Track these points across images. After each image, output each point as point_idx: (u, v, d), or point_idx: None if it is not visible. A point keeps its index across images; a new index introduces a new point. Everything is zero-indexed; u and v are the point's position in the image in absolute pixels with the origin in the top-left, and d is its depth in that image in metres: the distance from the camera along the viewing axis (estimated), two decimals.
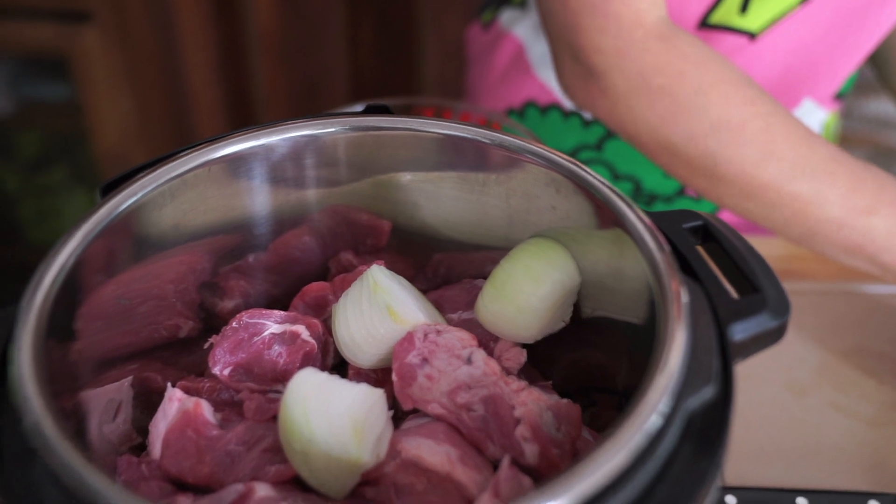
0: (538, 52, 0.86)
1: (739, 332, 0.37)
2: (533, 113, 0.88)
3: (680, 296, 0.36)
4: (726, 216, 0.86)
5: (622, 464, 0.30)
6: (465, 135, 0.45)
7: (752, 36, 0.77)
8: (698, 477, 0.32)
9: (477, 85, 0.94)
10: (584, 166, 0.42)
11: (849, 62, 0.81)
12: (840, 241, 0.62)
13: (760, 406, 0.65)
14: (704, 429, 0.33)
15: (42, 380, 0.33)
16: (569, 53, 0.66)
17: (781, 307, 0.38)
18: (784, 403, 0.65)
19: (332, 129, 0.45)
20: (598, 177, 0.41)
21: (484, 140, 0.44)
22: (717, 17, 0.76)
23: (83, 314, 0.40)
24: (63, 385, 0.37)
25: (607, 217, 0.41)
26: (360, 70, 1.67)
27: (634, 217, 0.40)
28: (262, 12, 1.54)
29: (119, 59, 1.42)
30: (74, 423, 0.38)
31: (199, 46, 1.53)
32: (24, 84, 1.52)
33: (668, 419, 0.32)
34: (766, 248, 0.81)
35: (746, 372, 0.67)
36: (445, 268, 0.53)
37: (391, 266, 0.49)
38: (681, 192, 0.87)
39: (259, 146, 0.45)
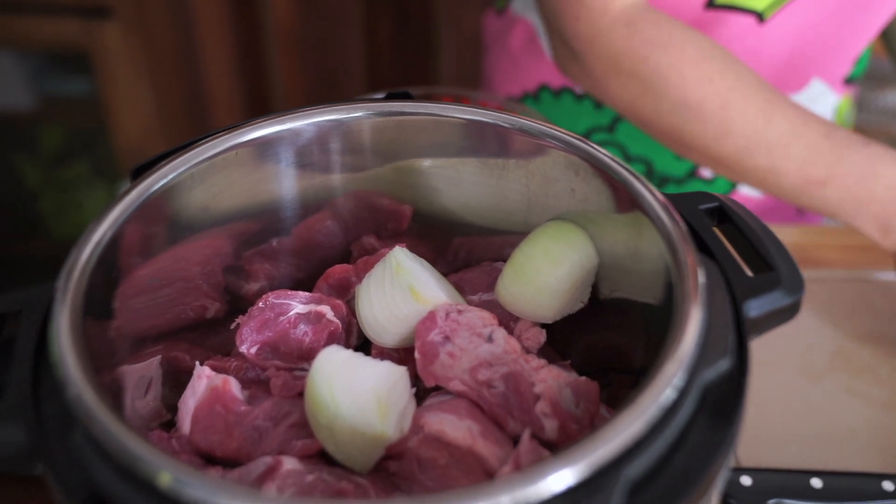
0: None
1: (754, 308, 0.38)
2: (547, 96, 0.89)
3: (696, 274, 0.37)
4: (743, 199, 0.86)
5: (637, 433, 0.31)
6: (486, 119, 0.46)
7: (760, 17, 0.78)
8: (714, 446, 0.33)
9: (493, 71, 0.95)
10: (601, 149, 0.43)
11: (857, 43, 0.82)
12: (802, 203, 0.68)
13: (776, 391, 0.65)
14: (720, 400, 0.34)
15: (81, 354, 0.34)
16: (557, 36, 0.72)
17: (795, 285, 0.39)
18: (799, 388, 0.65)
19: (358, 114, 0.47)
20: (616, 159, 0.42)
21: (504, 125, 0.45)
22: None
23: (117, 293, 0.42)
24: (100, 361, 0.38)
25: (625, 199, 0.42)
26: (377, 65, 1.68)
27: (652, 198, 0.41)
28: (279, 8, 1.55)
29: (139, 54, 1.44)
30: (111, 396, 0.40)
31: (218, 42, 1.55)
32: (45, 79, 1.54)
33: (683, 392, 0.33)
34: (782, 235, 0.82)
35: (763, 358, 0.68)
36: (466, 251, 0.54)
37: (412, 249, 0.50)
38: (692, 174, 0.88)
39: (286, 130, 0.46)
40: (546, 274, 0.45)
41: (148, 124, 1.51)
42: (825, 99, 0.86)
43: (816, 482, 0.56)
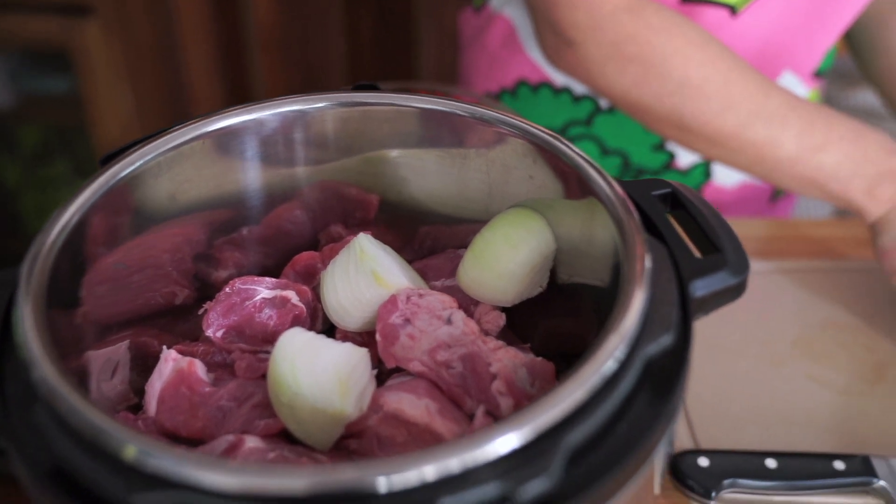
0: (529, 30, 0.88)
1: (700, 288, 0.39)
2: (525, 92, 0.90)
3: (643, 255, 0.38)
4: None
5: (578, 402, 0.32)
6: (444, 108, 0.47)
7: (732, 10, 0.80)
8: (655, 416, 0.34)
9: (470, 68, 0.96)
10: (559, 136, 0.45)
11: (826, 36, 0.85)
12: (796, 175, 0.71)
13: (738, 377, 0.67)
14: (662, 374, 0.36)
15: (45, 336, 0.35)
16: (548, 27, 0.73)
17: (741, 266, 0.40)
18: (761, 374, 0.67)
19: (320, 105, 0.48)
20: (572, 146, 0.44)
21: (461, 113, 0.47)
22: None
23: (83, 279, 0.43)
24: (66, 344, 0.39)
25: (579, 185, 0.44)
26: (358, 63, 1.69)
27: (605, 184, 0.42)
28: (260, 7, 1.56)
29: (120, 52, 1.44)
30: (76, 378, 0.41)
31: (199, 41, 1.56)
32: (25, 77, 1.54)
33: (625, 364, 0.34)
34: (748, 228, 0.84)
35: (727, 346, 0.69)
36: (431, 239, 0.55)
37: (380, 238, 0.52)
38: (668, 166, 0.90)
39: (250, 120, 0.47)
40: (505, 259, 0.47)
41: (128, 123, 1.52)
42: (795, 91, 0.88)
43: (771, 462, 0.58)
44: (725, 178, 0.92)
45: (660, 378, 0.36)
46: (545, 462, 0.31)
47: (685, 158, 0.90)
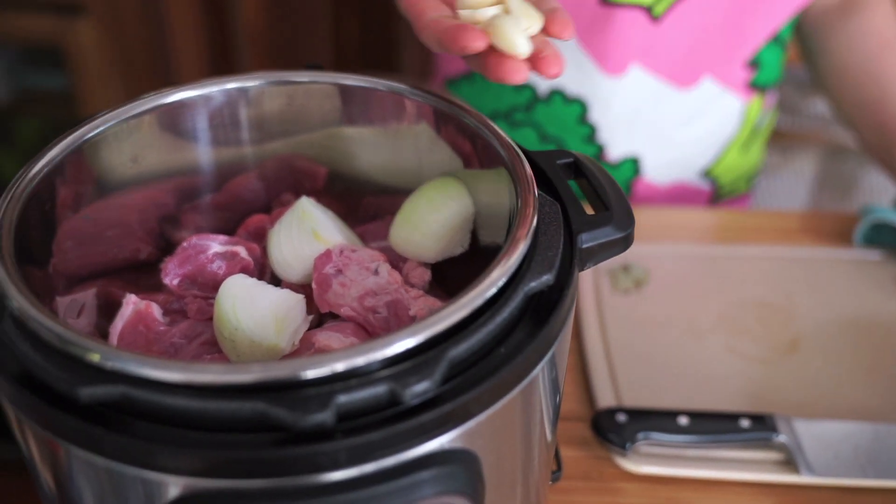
0: None
1: (587, 240, 0.45)
2: (478, 77, 0.97)
3: (532, 207, 0.44)
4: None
5: (461, 318, 0.38)
6: (367, 85, 0.53)
7: (650, 12, 0.87)
8: (530, 343, 0.40)
9: (438, 55, 1.03)
10: (463, 104, 0.51)
11: (744, 47, 0.92)
12: None
13: (664, 348, 0.73)
14: (542, 308, 0.41)
15: (15, 271, 0.41)
16: None
17: (625, 222, 0.46)
18: (684, 345, 0.73)
19: (258, 83, 0.54)
20: (473, 113, 0.50)
21: (382, 88, 0.53)
22: None
23: (53, 233, 0.48)
24: (38, 293, 0.45)
25: (487, 151, 0.50)
26: (344, 65, 1.76)
27: (504, 150, 0.48)
28: (249, 10, 1.63)
29: (112, 51, 1.51)
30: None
31: (190, 41, 1.63)
32: (22, 73, 1.61)
33: (506, 293, 0.40)
34: (690, 219, 0.90)
35: (654, 318, 0.75)
36: (374, 208, 0.61)
37: (328, 207, 0.58)
38: (598, 158, 0.97)
39: (199, 95, 0.53)
40: (429, 220, 0.53)
41: None
42: (722, 101, 0.95)
43: (683, 420, 0.64)
44: (657, 175, 0.98)
45: (539, 311, 0.41)
46: (430, 369, 0.36)
47: (615, 151, 0.96)
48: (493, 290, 0.39)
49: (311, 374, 0.35)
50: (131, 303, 0.52)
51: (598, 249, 0.46)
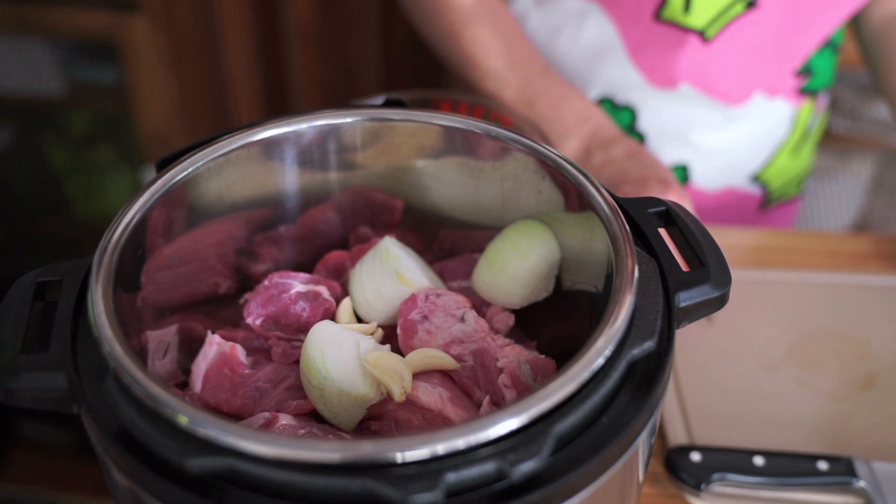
0: (556, 33, 0.93)
1: (684, 299, 0.44)
2: None
3: (632, 266, 0.43)
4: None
5: (568, 393, 0.37)
6: (463, 126, 0.52)
7: (703, 36, 0.86)
8: (635, 411, 0.39)
9: None
10: (564, 156, 0.50)
11: (796, 59, 0.91)
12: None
13: (733, 380, 0.72)
14: (644, 375, 0.41)
15: (113, 317, 0.41)
16: None
17: (723, 280, 0.45)
18: (754, 378, 0.72)
19: (350, 120, 0.53)
20: (574, 164, 0.49)
21: (478, 131, 0.52)
22: (667, 13, 0.86)
23: (143, 268, 0.48)
24: (128, 326, 0.45)
25: (580, 200, 0.49)
26: (392, 61, 1.74)
27: (602, 200, 0.47)
28: (299, 5, 1.62)
29: (165, 46, 1.51)
30: (138, 355, 0.46)
31: (239, 37, 1.62)
32: (75, 67, 1.62)
33: (611, 363, 0.39)
34: (750, 238, 0.88)
35: (724, 349, 0.74)
36: (450, 243, 0.61)
37: (403, 240, 0.57)
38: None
39: (290, 132, 0.53)
40: (515, 266, 0.52)
41: (170, 113, 1.59)
42: (772, 107, 0.94)
43: (759, 460, 0.63)
44: (706, 181, 0.97)
45: (641, 378, 0.41)
46: (537, 446, 0.36)
47: (663, 158, 0.95)
48: (600, 361, 0.39)
49: (420, 454, 0.35)
50: (215, 343, 0.52)
51: (695, 309, 0.45)
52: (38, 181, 1.77)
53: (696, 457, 0.63)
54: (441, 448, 0.35)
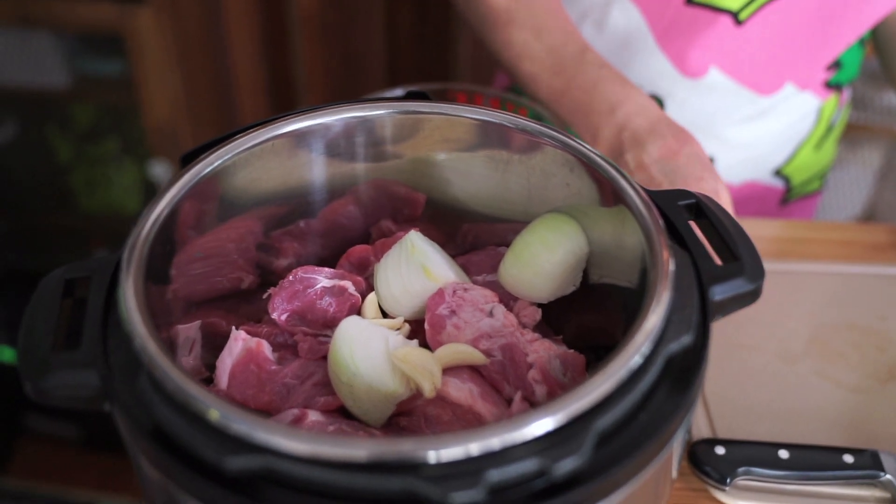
0: None
1: (719, 293, 0.44)
2: None
3: (668, 261, 0.43)
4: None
5: (607, 392, 0.37)
6: (493, 119, 0.52)
7: (736, 17, 0.84)
8: (673, 407, 0.39)
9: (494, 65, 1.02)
10: (592, 148, 0.49)
11: (830, 51, 0.89)
12: (558, 115, 0.79)
13: (754, 372, 0.71)
14: (681, 370, 0.40)
15: (144, 313, 0.41)
16: None
17: (756, 273, 0.45)
18: (775, 370, 0.71)
19: (381, 112, 0.53)
20: (605, 158, 0.48)
21: (508, 125, 0.51)
22: None
23: (172, 262, 0.48)
24: (158, 320, 0.45)
25: (611, 194, 0.48)
26: (396, 53, 1.74)
27: (634, 193, 0.47)
28: None
29: (170, 39, 1.50)
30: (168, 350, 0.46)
31: (244, 29, 1.61)
32: (81, 59, 1.61)
33: (649, 359, 0.39)
34: (768, 229, 0.87)
35: (745, 342, 0.73)
36: (473, 236, 0.60)
37: (426, 233, 0.57)
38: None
39: (317, 125, 0.52)
40: (542, 260, 0.52)
41: (176, 105, 1.58)
42: (798, 100, 0.92)
43: (783, 453, 0.62)
44: (728, 174, 0.96)
45: (679, 373, 0.40)
46: (577, 443, 0.36)
47: None
48: (638, 359, 0.38)
49: (464, 451, 0.34)
50: (241, 339, 0.51)
51: (729, 303, 0.45)
52: (44, 174, 1.77)
53: (720, 450, 0.62)
54: (483, 446, 0.34)
